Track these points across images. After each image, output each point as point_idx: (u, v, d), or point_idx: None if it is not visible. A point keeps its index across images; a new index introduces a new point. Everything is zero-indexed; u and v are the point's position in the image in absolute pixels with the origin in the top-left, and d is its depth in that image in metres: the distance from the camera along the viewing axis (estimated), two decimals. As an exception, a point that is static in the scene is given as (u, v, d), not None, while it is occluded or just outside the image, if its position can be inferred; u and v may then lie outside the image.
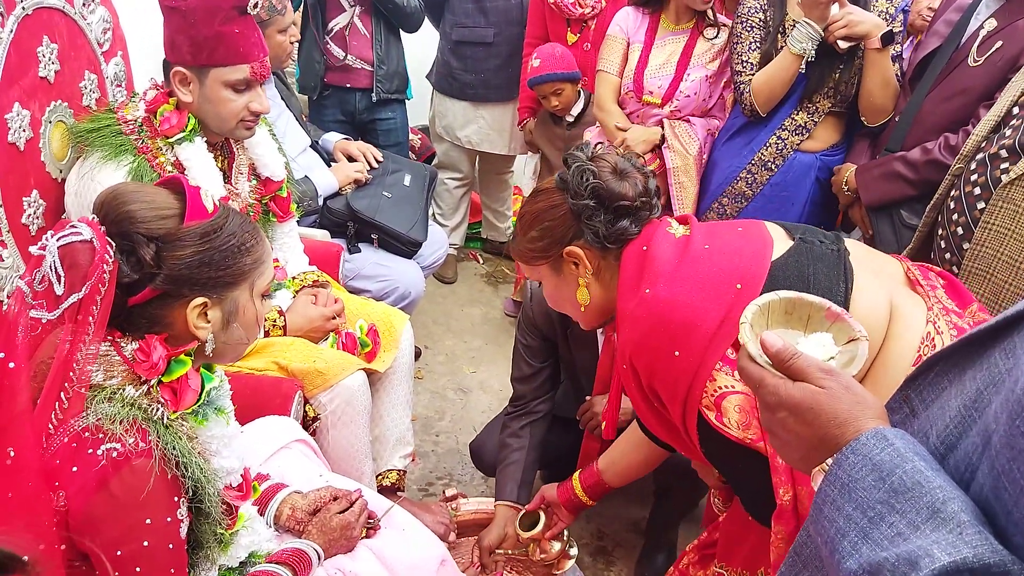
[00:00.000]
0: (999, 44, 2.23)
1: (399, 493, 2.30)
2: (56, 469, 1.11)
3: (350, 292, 2.54)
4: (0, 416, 1.08)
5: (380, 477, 2.23)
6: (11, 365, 1.09)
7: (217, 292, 1.23)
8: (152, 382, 1.20)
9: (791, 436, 0.78)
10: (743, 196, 2.60)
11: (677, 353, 1.22)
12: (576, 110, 3.24)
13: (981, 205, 1.83)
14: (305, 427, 1.90)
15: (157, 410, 1.18)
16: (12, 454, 1.07)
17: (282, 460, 1.65)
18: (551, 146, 3.31)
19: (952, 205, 1.92)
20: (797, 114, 2.52)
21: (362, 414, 2.01)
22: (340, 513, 1.53)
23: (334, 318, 2.14)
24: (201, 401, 1.24)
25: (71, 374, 1.12)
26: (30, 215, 1.77)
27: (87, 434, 1.12)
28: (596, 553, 2.54)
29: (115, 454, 1.11)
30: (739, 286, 1.22)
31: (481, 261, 4.35)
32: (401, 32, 3.43)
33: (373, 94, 3.35)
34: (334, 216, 2.74)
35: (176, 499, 1.17)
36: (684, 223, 1.43)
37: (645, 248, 1.36)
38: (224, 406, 1.28)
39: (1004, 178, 1.76)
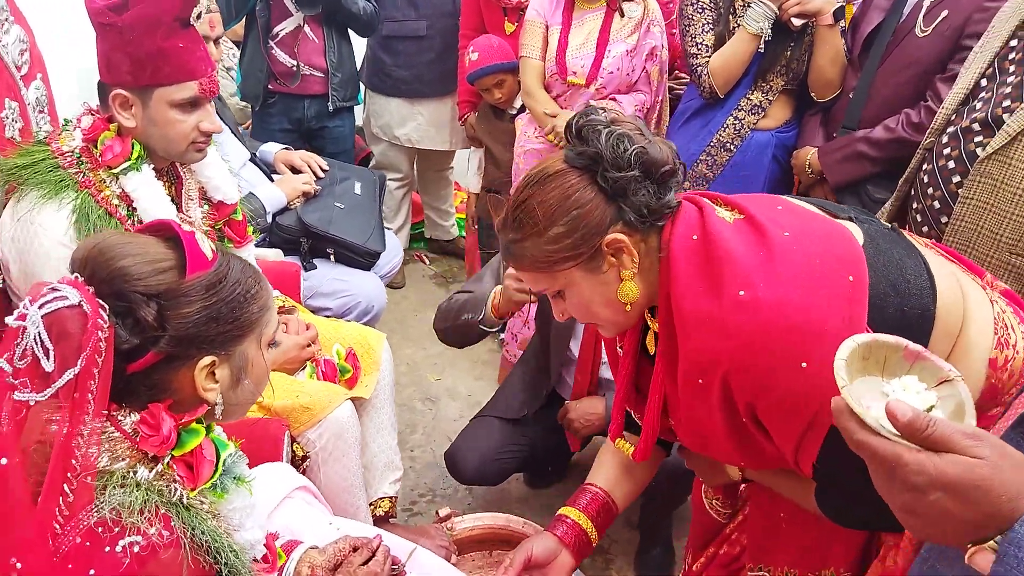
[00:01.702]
0: (945, 13, 2.27)
1: (391, 520, 2.20)
2: (70, 574, 0.96)
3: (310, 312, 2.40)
4: (5, 523, 0.94)
5: (372, 507, 2.11)
6: (3, 461, 0.95)
7: (225, 348, 1.10)
8: (164, 459, 1.06)
9: (946, 517, 0.68)
10: (704, 178, 2.59)
11: (804, 365, 1.07)
12: (518, 102, 3.16)
13: (956, 179, 1.84)
14: (294, 467, 1.77)
15: (175, 490, 1.04)
16: (19, 566, 0.93)
17: (287, 513, 1.52)
18: (495, 140, 3.23)
19: (925, 179, 1.93)
20: (752, 93, 2.52)
21: (353, 446, 1.89)
22: (363, 565, 1.42)
23: (309, 346, 2.00)
24: (219, 472, 1.11)
25: (73, 461, 0.98)
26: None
27: (101, 529, 0.98)
28: (594, 552, 2.50)
29: (138, 549, 0.97)
30: (851, 278, 1.11)
31: (428, 262, 4.22)
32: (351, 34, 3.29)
33: (329, 103, 3.20)
34: (285, 233, 2.59)
35: (207, 586, 1.05)
36: (727, 205, 1.26)
37: (696, 237, 1.18)
38: (243, 474, 1.15)
39: (980, 152, 1.77)
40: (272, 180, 2.71)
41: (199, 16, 1.67)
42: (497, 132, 3.21)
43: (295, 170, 2.82)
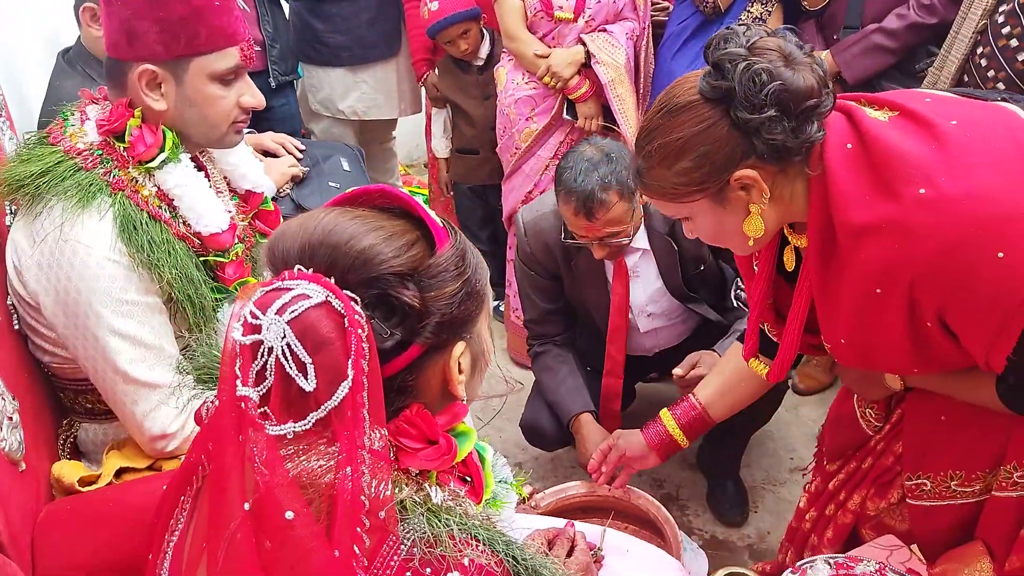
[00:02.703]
0: None
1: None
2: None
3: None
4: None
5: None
6: (289, 515, 0.74)
7: (470, 330, 0.90)
8: (435, 474, 0.86)
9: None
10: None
11: (1001, 255, 1.04)
12: (484, 51, 2.97)
13: (1023, 56, 1.84)
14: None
15: (467, 508, 0.85)
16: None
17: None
18: (465, 95, 3.01)
19: (984, 63, 1.92)
20: (752, 6, 2.45)
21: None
22: (569, 557, 1.26)
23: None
24: (490, 479, 0.92)
25: (363, 497, 0.77)
26: None
27: (410, 574, 0.78)
28: (665, 501, 2.41)
29: (463, 585, 0.78)
30: None
31: (384, 241, 3.97)
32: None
33: (271, 79, 2.85)
34: (285, 223, 2.30)
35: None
36: (875, 104, 1.21)
37: (850, 146, 1.13)
38: (508, 475, 0.97)
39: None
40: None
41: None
42: (466, 87, 2.99)
43: (268, 155, 2.52)
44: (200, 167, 1.59)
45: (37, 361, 1.52)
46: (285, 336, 0.76)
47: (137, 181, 1.43)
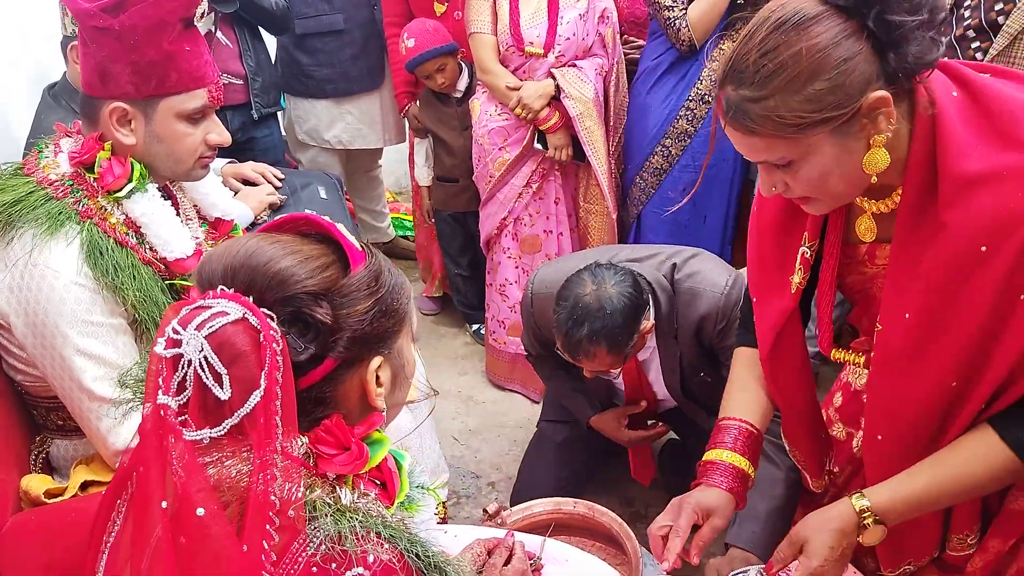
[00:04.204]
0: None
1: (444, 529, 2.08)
2: (295, 628, 0.83)
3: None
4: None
5: (431, 516, 1.99)
6: (200, 512, 0.81)
7: (388, 346, 0.98)
8: (349, 479, 0.93)
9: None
10: (686, 134, 2.59)
11: None
12: (463, 84, 3.07)
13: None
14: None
15: (378, 511, 0.92)
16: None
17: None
18: (444, 127, 3.11)
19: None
20: (723, 43, 2.53)
21: (415, 455, 1.76)
22: (506, 566, 1.32)
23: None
24: (405, 483, 0.99)
25: (273, 498, 0.84)
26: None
27: (316, 568, 0.84)
28: (634, 520, 2.46)
29: (365, 582, 0.85)
30: None
31: (371, 267, 4.04)
32: (264, 35, 3.08)
33: (253, 111, 2.96)
34: (261, 249, 2.38)
35: (434, 610, 0.93)
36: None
37: (955, 94, 1.07)
38: (426, 481, 1.04)
39: (980, 57, 1.85)
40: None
41: (201, 16, 1.49)
42: (445, 118, 3.09)
43: (247, 183, 2.61)
44: (169, 195, 1.68)
45: (11, 380, 1.60)
46: (203, 349, 0.84)
47: (105, 209, 1.52)
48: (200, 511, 0.80)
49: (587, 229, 2.92)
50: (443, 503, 2.06)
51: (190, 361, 0.84)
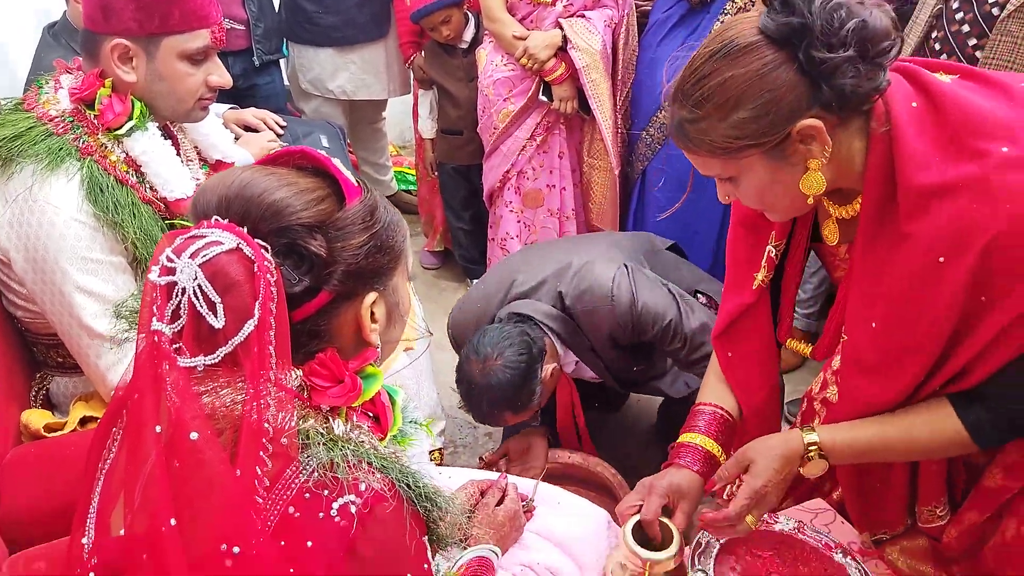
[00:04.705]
0: None
1: (441, 474, 2.10)
2: (284, 552, 0.84)
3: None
4: (206, 506, 0.81)
5: (426, 462, 2.01)
6: (194, 436, 0.82)
7: (383, 283, 0.98)
8: (344, 411, 0.94)
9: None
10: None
11: None
12: (468, 35, 3.03)
13: (973, 41, 1.89)
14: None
15: (370, 442, 0.93)
16: (236, 551, 0.81)
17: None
18: (451, 78, 3.08)
19: (938, 47, 1.97)
20: (734, -4, 2.49)
21: (411, 398, 1.77)
22: (499, 506, 1.34)
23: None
24: (398, 417, 1.00)
25: (266, 425, 0.85)
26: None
27: (309, 495, 0.86)
28: (628, 476, 2.48)
29: (355, 509, 0.86)
30: None
31: (373, 220, 4.03)
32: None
33: (255, 57, 2.93)
34: (263, 196, 2.37)
35: (424, 539, 0.94)
36: (929, 68, 1.14)
37: (915, 104, 1.07)
38: (419, 418, 1.04)
39: (997, 12, 1.82)
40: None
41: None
42: (451, 69, 3.06)
43: (249, 130, 2.60)
44: (170, 136, 1.67)
45: (11, 317, 1.61)
46: (197, 278, 0.84)
47: (106, 147, 1.51)
48: (194, 435, 0.81)
49: (590, 184, 2.91)
50: (440, 450, 2.08)
51: (184, 289, 0.84)
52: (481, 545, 1.27)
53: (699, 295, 2.09)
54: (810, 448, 1.21)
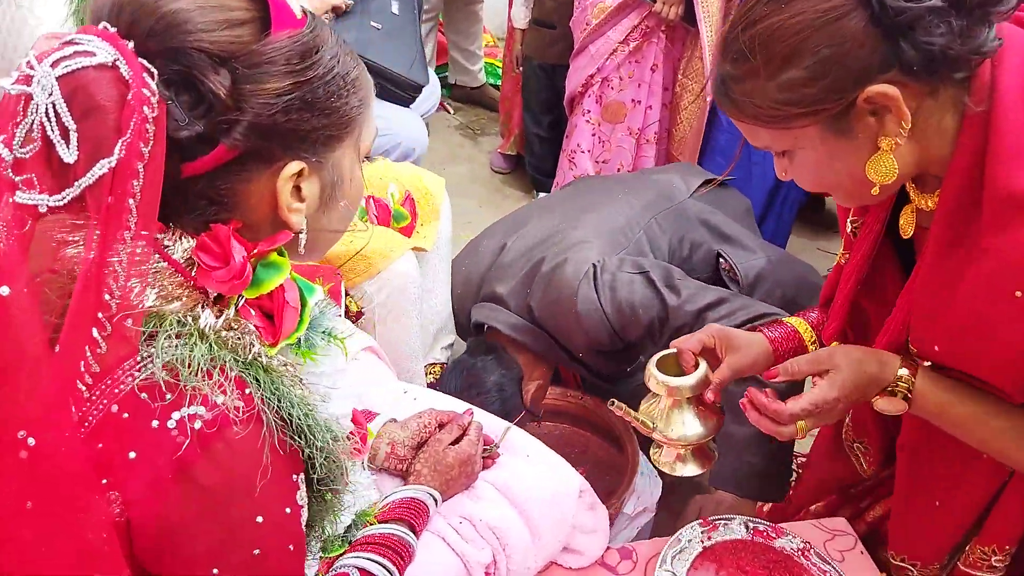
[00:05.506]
0: None
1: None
2: (100, 457, 0.67)
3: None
4: (9, 381, 0.64)
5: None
6: (3, 291, 0.64)
7: (317, 153, 0.76)
8: (234, 301, 0.75)
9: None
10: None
11: None
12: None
13: None
14: (347, 325, 1.48)
15: (250, 346, 0.73)
16: (31, 442, 0.64)
17: (354, 378, 1.24)
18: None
19: None
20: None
21: (414, 304, 1.60)
22: (453, 444, 1.15)
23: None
24: (304, 323, 0.80)
25: (107, 296, 0.66)
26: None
27: (147, 395, 0.67)
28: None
29: (200, 424, 0.67)
30: None
31: (452, 111, 3.82)
32: None
33: None
34: (314, 54, 2.19)
35: (295, 477, 0.76)
36: None
37: None
38: (337, 328, 0.85)
39: None
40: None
41: None
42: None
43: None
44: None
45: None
46: (52, 94, 0.64)
47: None
48: (4, 290, 0.63)
49: (678, 108, 2.59)
50: (442, 364, 1.91)
51: (38, 106, 0.65)
52: (417, 486, 1.09)
53: (721, 259, 1.82)
54: (900, 382, 1.00)
